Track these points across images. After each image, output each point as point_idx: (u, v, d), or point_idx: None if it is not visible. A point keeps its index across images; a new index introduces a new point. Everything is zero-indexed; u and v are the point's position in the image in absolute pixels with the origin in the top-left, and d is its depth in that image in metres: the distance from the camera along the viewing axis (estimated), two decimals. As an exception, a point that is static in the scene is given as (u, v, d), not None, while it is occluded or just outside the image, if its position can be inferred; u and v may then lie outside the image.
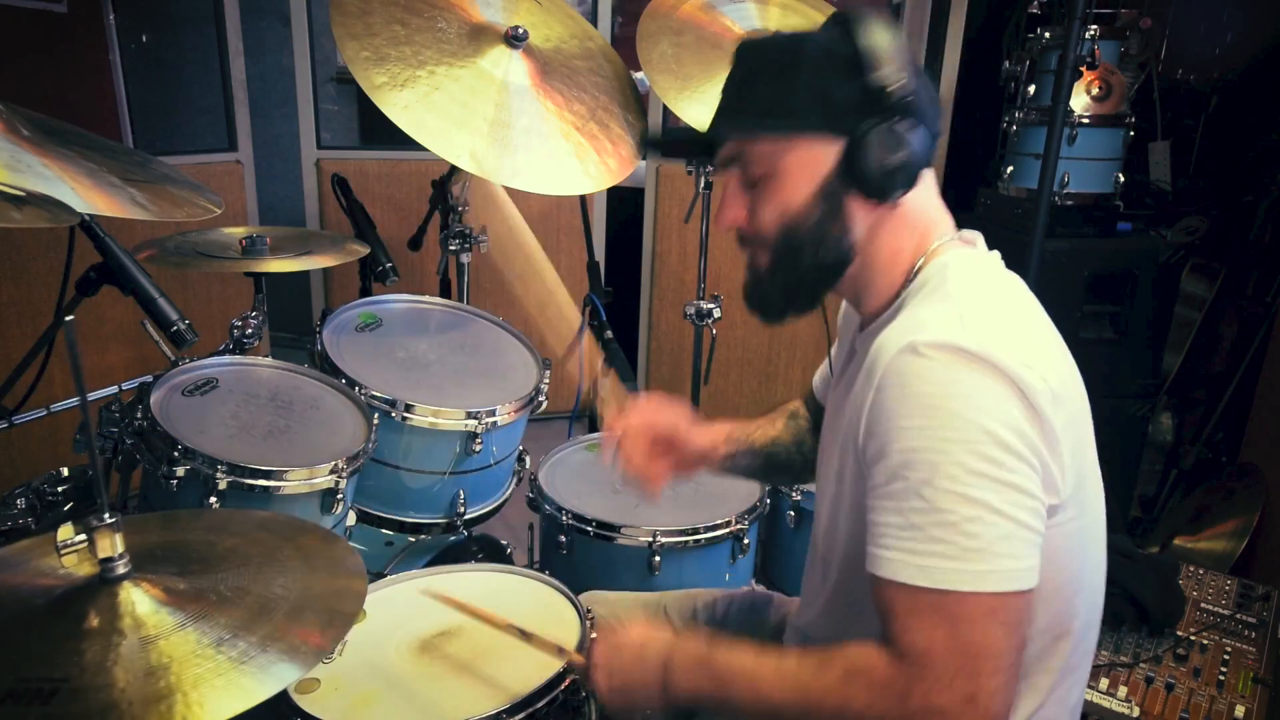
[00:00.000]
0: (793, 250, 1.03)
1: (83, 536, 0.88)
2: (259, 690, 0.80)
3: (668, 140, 1.16)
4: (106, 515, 0.87)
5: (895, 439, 0.88)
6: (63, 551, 0.88)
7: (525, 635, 1.18)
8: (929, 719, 0.84)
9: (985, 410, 0.85)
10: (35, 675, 0.78)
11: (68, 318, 0.82)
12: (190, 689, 0.78)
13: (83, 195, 1.24)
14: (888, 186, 0.98)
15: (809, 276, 1.05)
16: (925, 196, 1.04)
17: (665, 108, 2.73)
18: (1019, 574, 0.85)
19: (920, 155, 0.99)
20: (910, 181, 1.00)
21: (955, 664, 0.84)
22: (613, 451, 1.34)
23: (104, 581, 0.88)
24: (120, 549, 0.88)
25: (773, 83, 1.01)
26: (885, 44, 0.96)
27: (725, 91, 1.06)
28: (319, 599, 0.95)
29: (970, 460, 0.84)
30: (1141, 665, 1.59)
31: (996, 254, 1.07)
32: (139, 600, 0.87)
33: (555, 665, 1.17)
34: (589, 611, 1.30)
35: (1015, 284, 1.04)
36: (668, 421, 1.35)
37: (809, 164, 1.01)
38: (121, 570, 0.89)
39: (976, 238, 1.08)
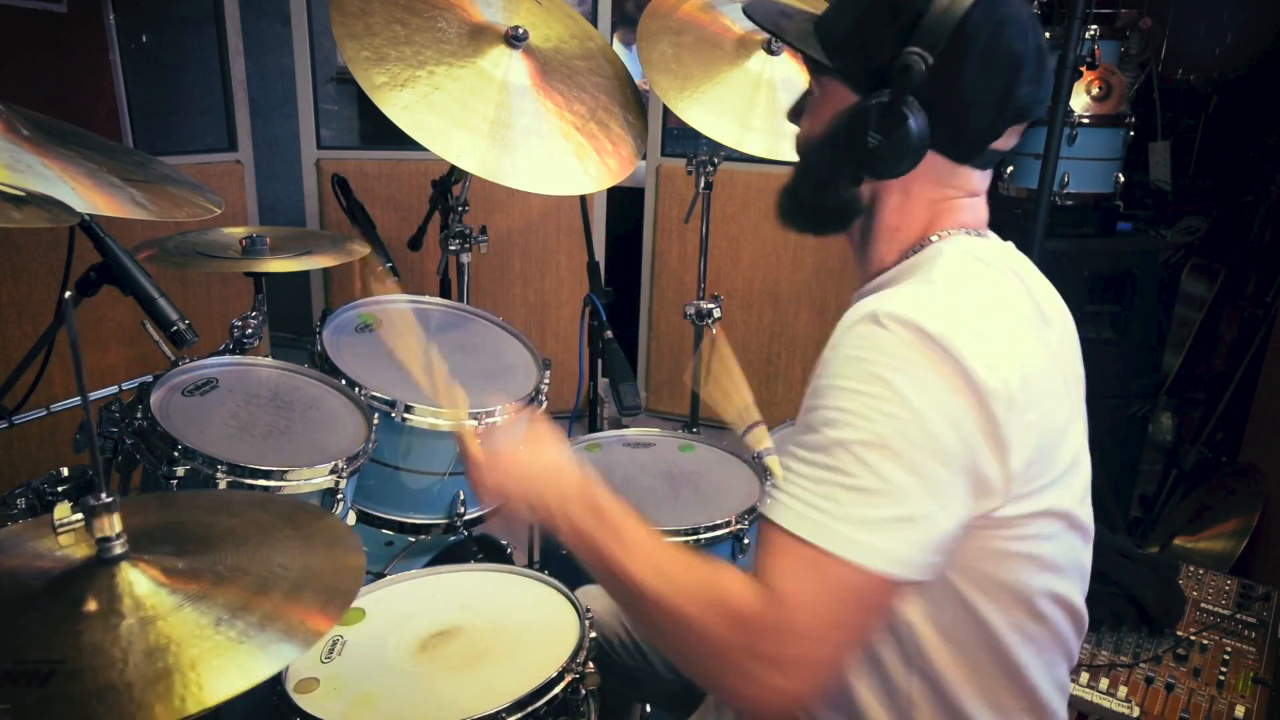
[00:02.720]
0: (805, 174, 1.04)
1: (79, 515, 0.87)
2: (258, 669, 0.79)
3: (762, 11, 1.10)
4: (104, 495, 0.86)
5: (829, 396, 0.86)
6: (59, 530, 0.87)
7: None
8: (770, 667, 0.82)
9: (925, 395, 0.82)
10: (32, 657, 0.78)
11: (67, 295, 0.81)
12: (189, 669, 0.78)
13: (83, 195, 1.24)
14: (874, 163, 0.95)
15: (814, 205, 1.05)
16: (950, 185, 0.99)
17: (665, 108, 2.73)
18: (906, 563, 0.82)
19: (915, 145, 0.92)
20: (899, 167, 0.95)
21: (816, 623, 0.82)
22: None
23: (101, 562, 0.87)
24: (118, 529, 0.87)
25: (842, 6, 0.98)
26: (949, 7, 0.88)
27: None
28: (317, 577, 0.94)
29: (895, 440, 0.82)
30: (1141, 665, 1.59)
31: (1010, 245, 1.03)
32: (137, 581, 0.86)
33: (555, 665, 1.17)
34: (588, 611, 1.31)
35: (1018, 276, 0.98)
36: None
37: (832, 103, 0.99)
38: (119, 550, 0.87)
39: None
